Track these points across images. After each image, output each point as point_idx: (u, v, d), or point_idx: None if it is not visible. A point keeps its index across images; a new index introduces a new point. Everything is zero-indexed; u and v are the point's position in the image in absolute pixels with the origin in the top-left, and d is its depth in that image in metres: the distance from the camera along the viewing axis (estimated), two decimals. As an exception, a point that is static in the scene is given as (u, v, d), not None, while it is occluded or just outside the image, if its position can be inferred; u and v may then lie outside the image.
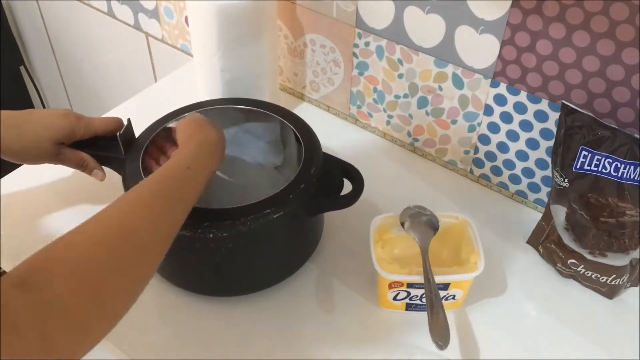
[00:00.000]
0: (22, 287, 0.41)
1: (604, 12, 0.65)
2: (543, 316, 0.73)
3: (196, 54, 0.90)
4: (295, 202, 0.67)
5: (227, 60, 0.87)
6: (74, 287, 0.44)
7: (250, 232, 0.65)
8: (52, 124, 0.71)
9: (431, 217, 0.72)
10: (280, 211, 0.66)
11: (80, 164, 0.75)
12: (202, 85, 0.92)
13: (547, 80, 0.74)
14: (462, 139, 0.87)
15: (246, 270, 0.71)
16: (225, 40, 0.85)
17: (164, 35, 1.19)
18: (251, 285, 0.72)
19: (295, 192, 0.68)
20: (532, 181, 0.84)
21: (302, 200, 0.68)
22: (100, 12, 1.28)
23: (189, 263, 0.70)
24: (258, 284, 0.73)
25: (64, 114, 0.72)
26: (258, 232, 0.65)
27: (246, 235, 0.65)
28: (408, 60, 0.85)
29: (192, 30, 0.88)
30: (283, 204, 0.66)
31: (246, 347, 0.68)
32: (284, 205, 0.66)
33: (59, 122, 0.71)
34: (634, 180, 0.66)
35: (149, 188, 0.57)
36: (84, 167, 0.75)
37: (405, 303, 0.70)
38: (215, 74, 0.89)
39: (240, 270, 0.70)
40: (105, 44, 1.35)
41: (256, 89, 0.92)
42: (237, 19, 0.83)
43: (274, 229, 0.67)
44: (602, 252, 0.70)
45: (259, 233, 0.66)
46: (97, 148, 0.75)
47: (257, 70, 0.90)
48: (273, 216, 0.65)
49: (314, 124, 0.77)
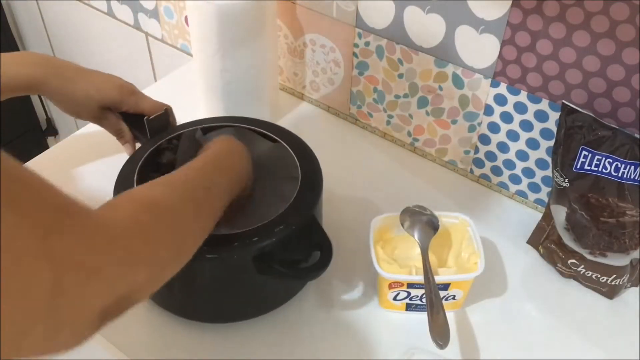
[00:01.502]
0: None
1: (604, 12, 0.65)
2: (543, 316, 0.72)
3: (196, 54, 0.90)
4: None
5: (227, 60, 0.87)
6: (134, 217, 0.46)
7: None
8: (104, 90, 0.76)
9: (431, 217, 0.72)
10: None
11: (118, 133, 0.80)
12: (202, 85, 0.92)
13: (547, 80, 0.74)
14: (462, 138, 0.87)
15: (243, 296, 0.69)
16: (225, 40, 0.85)
17: (164, 35, 1.19)
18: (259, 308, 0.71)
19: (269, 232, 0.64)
20: (532, 181, 0.84)
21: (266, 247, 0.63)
22: (100, 12, 1.28)
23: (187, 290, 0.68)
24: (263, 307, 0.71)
25: (119, 85, 0.77)
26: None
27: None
28: (408, 60, 0.85)
29: (191, 30, 0.88)
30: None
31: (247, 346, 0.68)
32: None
33: (111, 90, 0.76)
34: (634, 180, 0.66)
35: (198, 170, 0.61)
36: (120, 136, 0.80)
37: (405, 303, 0.70)
38: (215, 74, 0.88)
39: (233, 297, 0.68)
40: (105, 43, 1.35)
41: (256, 89, 0.92)
42: (237, 19, 0.83)
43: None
44: (602, 252, 0.70)
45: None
46: (132, 124, 0.78)
47: (257, 70, 0.90)
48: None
49: (313, 124, 0.77)
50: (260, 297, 0.70)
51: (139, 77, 1.34)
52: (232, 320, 0.70)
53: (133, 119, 0.78)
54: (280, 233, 0.64)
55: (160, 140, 0.75)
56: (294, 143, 0.75)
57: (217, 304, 0.69)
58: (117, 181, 0.69)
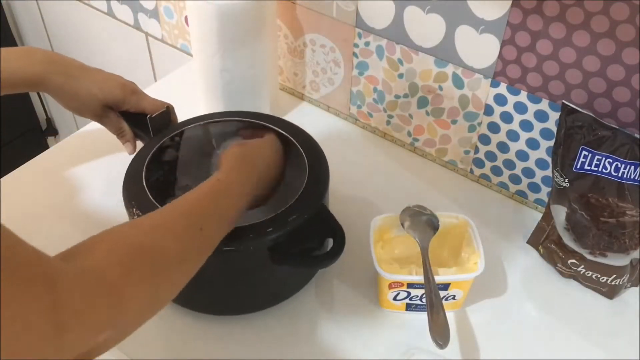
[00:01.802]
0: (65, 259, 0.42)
1: (604, 11, 0.65)
2: (543, 316, 0.72)
3: (196, 54, 0.90)
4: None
5: (227, 60, 0.87)
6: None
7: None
8: (107, 89, 0.76)
9: (431, 217, 0.72)
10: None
11: (119, 132, 0.79)
12: (202, 85, 0.92)
13: (547, 80, 0.74)
14: (462, 138, 0.87)
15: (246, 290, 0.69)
16: (225, 40, 0.85)
17: (164, 35, 1.19)
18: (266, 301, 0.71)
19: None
20: (532, 181, 0.84)
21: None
22: (100, 12, 1.28)
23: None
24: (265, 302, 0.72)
25: (121, 85, 0.77)
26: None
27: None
28: (408, 60, 0.85)
29: (192, 30, 0.88)
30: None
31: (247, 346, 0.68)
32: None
33: (114, 90, 0.76)
34: (634, 180, 0.66)
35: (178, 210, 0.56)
36: (121, 135, 0.79)
37: (405, 303, 0.70)
38: (215, 74, 0.88)
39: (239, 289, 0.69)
40: (105, 43, 1.35)
41: (256, 89, 0.92)
42: (237, 19, 0.83)
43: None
44: (602, 252, 0.70)
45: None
46: (133, 123, 0.78)
47: (257, 70, 0.90)
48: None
49: (313, 124, 0.77)
50: (264, 290, 0.70)
51: (139, 77, 1.33)
52: (232, 313, 0.70)
53: (134, 118, 0.78)
54: (294, 223, 0.65)
55: (165, 137, 0.75)
56: (298, 134, 0.76)
57: (219, 297, 0.70)
58: (126, 178, 0.70)
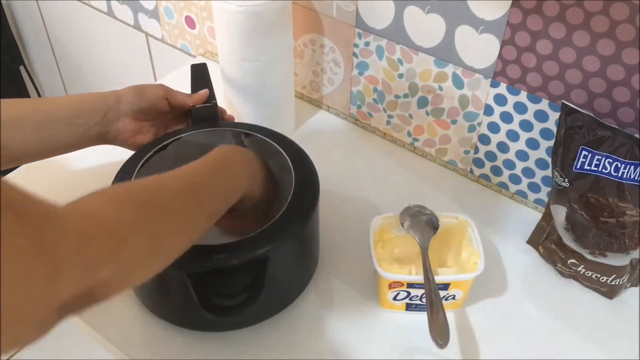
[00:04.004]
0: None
1: (604, 12, 0.65)
2: (543, 316, 0.72)
3: (222, 58, 0.88)
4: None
5: (260, 65, 0.85)
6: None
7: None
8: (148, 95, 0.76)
9: (431, 217, 0.72)
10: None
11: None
12: (228, 91, 0.91)
13: (547, 80, 0.74)
14: (462, 138, 0.87)
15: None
16: (250, 45, 0.83)
17: (164, 35, 1.19)
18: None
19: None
20: (532, 181, 0.84)
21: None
22: (100, 12, 1.28)
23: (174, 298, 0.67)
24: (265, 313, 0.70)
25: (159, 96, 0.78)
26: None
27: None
28: (408, 60, 0.85)
29: (218, 36, 0.86)
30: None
31: (247, 348, 0.68)
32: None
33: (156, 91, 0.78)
34: (634, 180, 0.66)
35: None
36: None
37: (405, 303, 0.70)
38: (245, 79, 0.87)
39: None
40: (105, 43, 1.36)
41: (280, 96, 0.91)
42: (264, 21, 0.81)
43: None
44: (602, 252, 0.70)
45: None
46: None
47: (280, 78, 0.88)
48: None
49: (314, 124, 0.77)
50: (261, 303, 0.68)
51: (138, 77, 1.34)
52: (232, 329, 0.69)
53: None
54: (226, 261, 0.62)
55: (163, 141, 0.74)
56: (300, 162, 0.73)
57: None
58: (117, 177, 0.69)
